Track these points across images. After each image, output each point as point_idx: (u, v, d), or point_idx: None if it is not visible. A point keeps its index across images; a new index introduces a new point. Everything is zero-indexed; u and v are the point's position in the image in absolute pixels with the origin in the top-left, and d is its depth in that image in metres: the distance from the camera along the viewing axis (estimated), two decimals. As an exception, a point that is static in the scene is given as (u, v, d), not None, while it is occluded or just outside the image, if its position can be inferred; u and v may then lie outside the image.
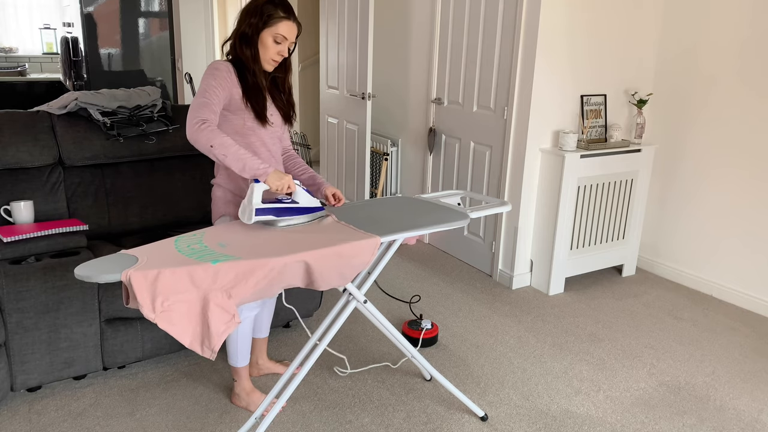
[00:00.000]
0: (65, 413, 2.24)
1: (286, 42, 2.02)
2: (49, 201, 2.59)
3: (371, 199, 2.23)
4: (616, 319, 3.14)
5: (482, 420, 2.28)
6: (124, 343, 2.40)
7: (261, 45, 2.01)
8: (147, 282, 1.47)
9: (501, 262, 3.58)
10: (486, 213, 2.08)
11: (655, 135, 3.69)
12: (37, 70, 6.20)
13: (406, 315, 3.12)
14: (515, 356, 2.75)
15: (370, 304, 2.00)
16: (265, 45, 2.01)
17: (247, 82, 2.02)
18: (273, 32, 1.99)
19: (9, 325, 2.15)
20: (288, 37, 2.01)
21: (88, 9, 5.07)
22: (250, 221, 1.81)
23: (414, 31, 4.10)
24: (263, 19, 1.98)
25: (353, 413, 2.30)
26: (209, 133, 1.87)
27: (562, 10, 3.15)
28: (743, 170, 3.26)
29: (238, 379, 2.30)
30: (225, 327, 1.55)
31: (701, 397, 2.47)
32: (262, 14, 1.98)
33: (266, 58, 2.03)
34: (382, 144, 4.48)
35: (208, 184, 3.00)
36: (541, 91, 3.23)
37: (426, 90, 4.06)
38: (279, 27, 1.99)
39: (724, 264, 3.42)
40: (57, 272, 2.20)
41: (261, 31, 1.99)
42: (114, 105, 2.76)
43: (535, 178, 3.38)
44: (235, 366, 2.27)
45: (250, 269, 1.56)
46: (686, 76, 3.48)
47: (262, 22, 1.98)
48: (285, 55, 2.05)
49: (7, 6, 5.95)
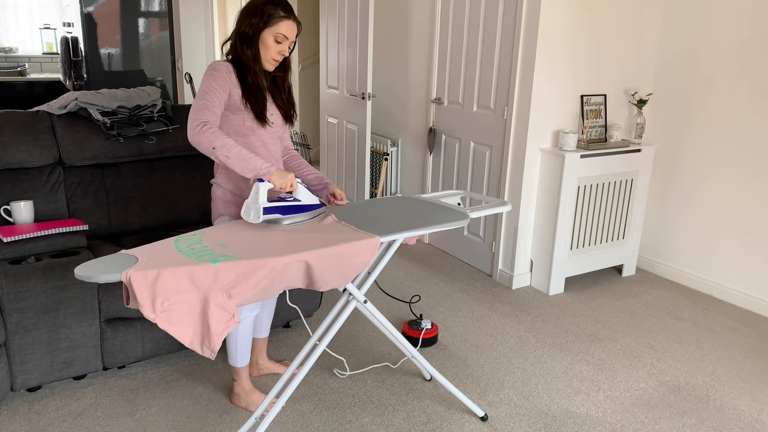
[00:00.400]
0: (65, 413, 2.24)
1: (286, 41, 2.03)
2: (49, 201, 2.59)
3: (371, 199, 2.23)
4: (616, 319, 3.14)
5: (482, 420, 2.28)
6: (124, 343, 2.40)
7: (262, 45, 2.02)
8: (147, 282, 1.47)
9: (501, 262, 3.58)
10: (486, 213, 2.09)
11: (655, 135, 3.69)
12: (37, 70, 6.20)
13: (406, 315, 3.12)
14: (515, 356, 2.75)
15: (370, 304, 2.01)
16: (266, 45, 2.02)
17: (247, 82, 2.03)
18: (274, 32, 2.00)
19: (9, 325, 2.15)
20: (289, 37, 2.03)
21: (88, 9, 5.07)
22: (257, 220, 1.81)
23: (414, 31, 4.10)
24: (264, 19, 1.99)
25: (353, 413, 2.30)
26: (210, 135, 1.87)
27: (562, 10, 3.15)
28: (743, 170, 3.26)
29: (237, 379, 2.30)
30: (225, 327, 1.55)
31: (701, 397, 2.48)
32: (262, 14, 1.99)
33: (267, 58, 2.04)
34: (382, 144, 4.48)
35: (208, 184, 3.00)
36: (541, 91, 3.23)
37: (426, 90, 4.06)
38: (280, 26, 2.00)
39: (724, 264, 3.42)
40: (57, 272, 2.20)
41: (262, 31, 2.00)
42: (114, 105, 2.76)
43: (535, 178, 3.38)
44: (234, 366, 2.27)
45: (250, 269, 1.56)
46: (686, 76, 3.48)
47: (263, 21, 1.99)
48: (285, 54, 2.07)
49: (7, 6, 5.95)
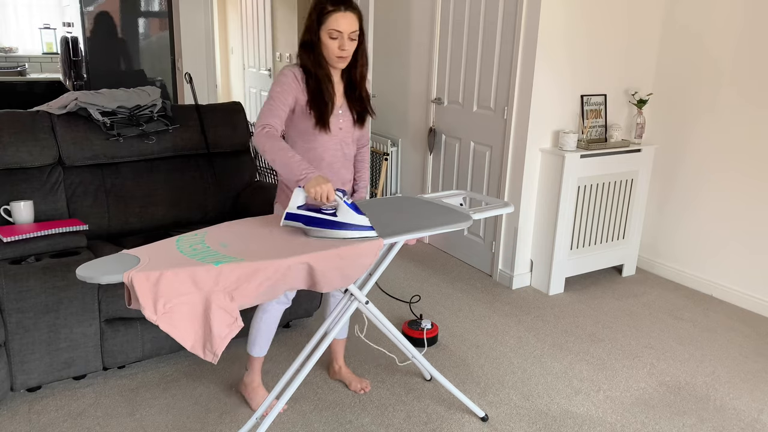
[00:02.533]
0: (65, 413, 2.24)
1: (342, 35, 1.93)
2: (49, 201, 2.59)
3: (372, 199, 2.23)
4: (616, 319, 3.14)
5: (482, 420, 2.28)
6: (124, 343, 2.40)
7: (323, 46, 1.96)
8: (149, 283, 1.46)
9: (501, 262, 3.58)
10: (488, 214, 2.08)
11: (655, 135, 3.69)
12: (37, 70, 6.20)
13: (406, 315, 3.12)
14: (515, 356, 2.75)
15: (371, 305, 2.00)
16: (325, 45, 1.95)
17: (311, 89, 1.99)
18: (327, 29, 1.93)
19: (9, 325, 2.15)
20: (343, 30, 1.92)
21: (88, 9, 5.07)
22: (280, 224, 1.84)
23: (414, 31, 4.10)
24: (317, 19, 1.94)
25: (353, 413, 2.30)
26: (265, 137, 1.88)
27: (562, 10, 3.15)
28: (743, 170, 3.26)
29: (249, 369, 2.30)
30: (228, 330, 1.54)
31: (701, 397, 2.48)
32: (315, 13, 1.94)
33: (331, 57, 1.97)
34: (382, 144, 4.48)
35: (208, 184, 3.00)
36: (541, 91, 3.23)
37: (426, 90, 4.05)
38: (329, 22, 1.92)
39: (724, 264, 3.42)
40: (57, 272, 2.20)
41: (318, 32, 1.95)
42: (114, 105, 2.75)
43: (535, 178, 3.38)
44: (250, 354, 2.27)
45: (253, 271, 1.56)
46: (686, 76, 3.48)
47: (316, 22, 1.94)
48: (346, 48, 1.95)
49: (7, 6, 5.95)
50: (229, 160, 3.07)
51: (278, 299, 2.18)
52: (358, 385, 2.44)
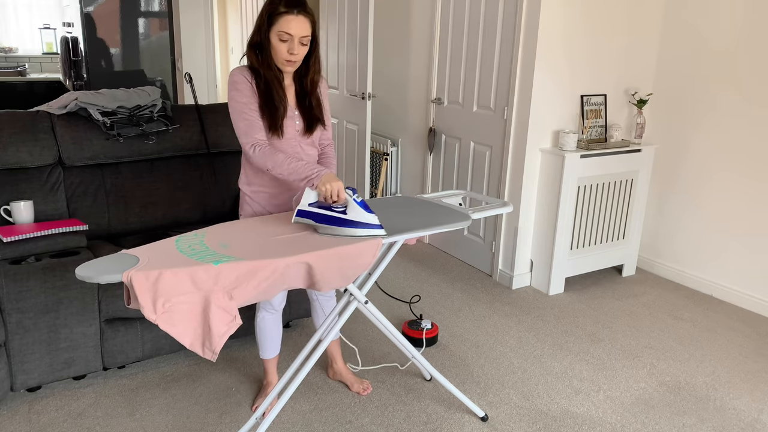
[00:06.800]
0: (65, 413, 2.24)
1: (293, 38, 1.86)
2: (49, 201, 2.59)
3: (372, 199, 2.23)
4: (616, 319, 3.14)
5: (482, 420, 2.28)
6: (124, 343, 2.40)
7: (272, 48, 1.88)
8: (148, 283, 1.46)
9: (501, 262, 3.58)
10: (487, 214, 2.08)
11: (655, 135, 3.69)
12: (37, 70, 6.20)
13: (406, 315, 3.12)
14: (515, 356, 2.75)
15: (371, 305, 2.00)
16: (274, 47, 1.88)
17: (261, 91, 1.93)
18: (277, 30, 1.85)
19: (9, 325, 2.15)
20: (293, 33, 1.85)
21: (88, 9, 5.07)
22: (291, 221, 1.89)
23: (414, 31, 4.10)
24: (267, 19, 1.87)
25: (353, 413, 2.30)
26: (262, 156, 1.90)
27: (562, 10, 3.15)
28: (743, 170, 3.26)
29: (264, 372, 2.39)
30: (226, 328, 1.54)
31: (701, 397, 2.48)
32: (266, 13, 1.87)
33: (279, 60, 1.90)
34: (382, 144, 4.48)
35: (208, 184, 3.00)
36: (541, 91, 3.23)
37: (426, 90, 4.05)
38: (280, 23, 1.84)
39: (724, 264, 3.42)
40: (57, 272, 2.20)
41: (268, 33, 1.87)
42: (114, 105, 2.75)
43: (535, 178, 3.38)
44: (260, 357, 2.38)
45: (252, 270, 1.56)
46: (686, 76, 3.48)
47: (266, 23, 1.87)
48: (295, 52, 1.88)
49: (7, 6, 5.95)
50: (229, 160, 3.07)
51: (266, 308, 2.21)
52: (360, 386, 2.43)
